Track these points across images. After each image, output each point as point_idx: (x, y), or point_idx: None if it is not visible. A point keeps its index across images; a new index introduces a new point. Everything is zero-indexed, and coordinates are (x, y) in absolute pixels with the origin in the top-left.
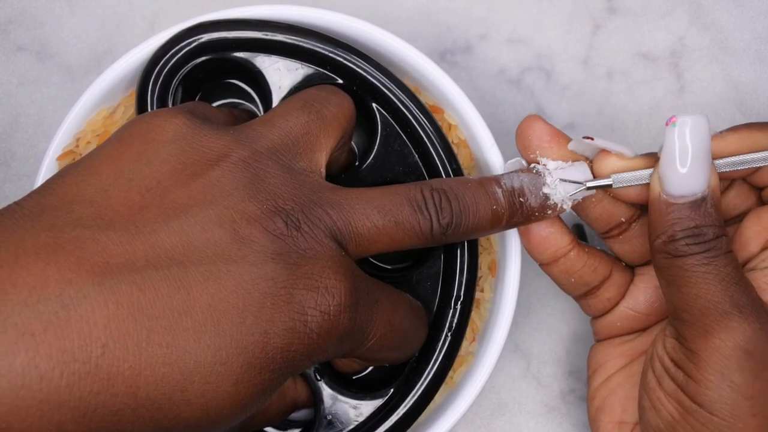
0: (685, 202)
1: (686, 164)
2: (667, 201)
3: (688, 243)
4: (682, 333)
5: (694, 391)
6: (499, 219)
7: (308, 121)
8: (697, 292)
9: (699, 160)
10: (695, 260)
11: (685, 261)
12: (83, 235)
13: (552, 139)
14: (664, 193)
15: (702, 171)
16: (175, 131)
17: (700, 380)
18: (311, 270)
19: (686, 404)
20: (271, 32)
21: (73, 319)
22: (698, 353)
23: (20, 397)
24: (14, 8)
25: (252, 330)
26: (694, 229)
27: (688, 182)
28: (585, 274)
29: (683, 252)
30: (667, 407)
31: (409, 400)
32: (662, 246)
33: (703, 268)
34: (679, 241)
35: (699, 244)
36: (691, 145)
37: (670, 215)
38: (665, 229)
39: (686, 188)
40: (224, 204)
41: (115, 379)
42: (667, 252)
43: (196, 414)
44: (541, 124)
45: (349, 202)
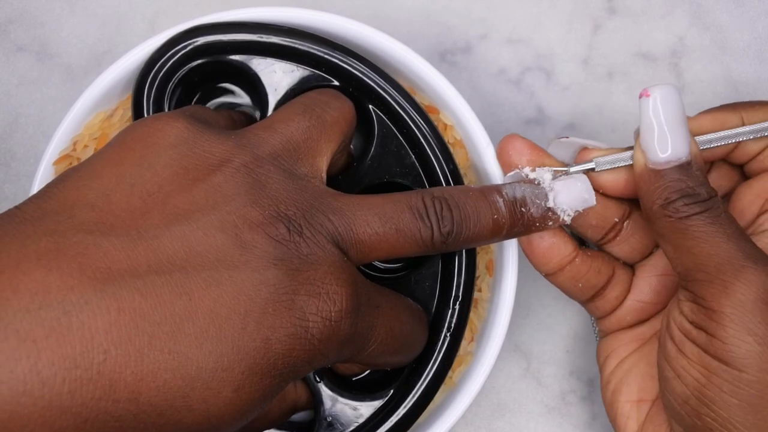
0: (672, 167)
1: (665, 130)
2: (654, 169)
3: (686, 203)
4: (699, 294)
5: (718, 350)
6: (500, 228)
7: (309, 126)
8: (710, 251)
9: (677, 125)
10: (700, 220)
11: (690, 222)
12: (85, 240)
13: (532, 152)
14: (650, 163)
15: (681, 135)
16: (177, 135)
17: (724, 337)
18: (313, 276)
19: (712, 366)
20: (266, 35)
21: (75, 325)
22: (719, 311)
23: (22, 403)
24: (14, 8)
25: (254, 336)
26: (687, 189)
27: (670, 147)
28: (591, 278)
29: (685, 212)
30: (692, 373)
31: (408, 400)
32: (661, 210)
33: (711, 228)
34: (676, 202)
35: (697, 204)
36: (666, 112)
37: (660, 181)
38: (659, 194)
39: (669, 154)
40: (226, 209)
41: (116, 385)
42: (668, 214)
43: (197, 420)
44: (519, 140)
45: (350, 209)
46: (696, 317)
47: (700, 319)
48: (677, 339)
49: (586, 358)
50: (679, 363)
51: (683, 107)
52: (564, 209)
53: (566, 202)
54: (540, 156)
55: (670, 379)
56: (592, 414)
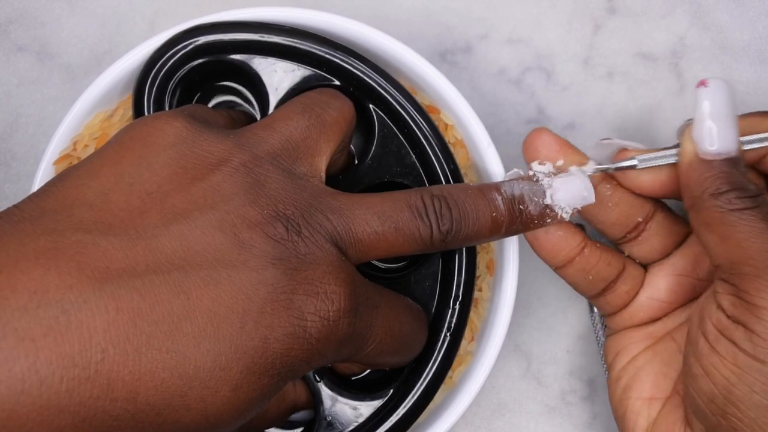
0: (723, 159)
1: (720, 121)
2: (704, 159)
3: (739, 196)
4: (743, 287)
5: (755, 347)
6: (499, 226)
7: (308, 126)
8: (761, 246)
9: (730, 118)
10: (752, 215)
11: (741, 216)
12: (84, 239)
13: (560, 151)
14: (701, 153)
15: (734, 129)
16: (175, 135)
17: (763, 333)
18: (311, 275)
19: (745, 364)
20: (267, 34)
21: (73, 324)
22: (763, 306)
23: (20, 402)
24: (14, 8)
25: (252, 335)
26: (739, 182)
27: (723, 140)
28: (602, 269)
29: (737, 205)
30: (723, 371)
31: (408, 400)
32: (712, 199)
33: (762, 224)
34: (729, 194)
35: (749, 198)
36: (722, 104)
37: (711, 171)
38: (710, 183)
39: (722, 146)
40: (225, 209)
41: (114, 384)
42: (719, 205)
43: (195, 419)
44: (547, 135)
45: (349, 208)
46: (736, 311)
47: (740, 313)
48: (711, 336)
49: (587, 358)
50: (710, 360)
51: (735, 103)
52: (562, 206)
53: (564, 199)
54: (567, 151)
55: (698, 377)
56: (593, 414)
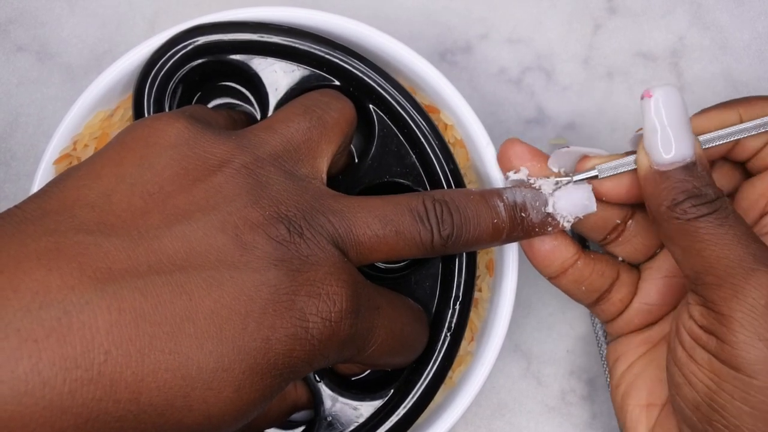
0: (677, 168)
1: (668, 130)
2: (659, 171)
3: (694, 204)
4: (709, 297)
5: (729, 356)
6: (500, 232)
7: (310, 127)
8: (719, 253)
9: (680, 125)
10: (708, 222)
11: (698, 224)
12: (85, 240)
13: (533, 158)
14: (654, 165)
15: (685, 136)
16: (177, 136)
17: (734, 342)
18: (313, 276)
19: (722, 372)
20: (267, 34)
21: (76, 325)
22: (729, 315)
23: (23, 403)
24: (14, 8)
25: (254, 336)
26: (694, 189)
27: (675, 148)
28: (595, 281)
29: (693, 214)
30: (703, 379)
31: (408, 400)
32: (668, 211)
33: (720, 229)
34: (683, 204)
35: (705, 205)
36: (669, 112)
37: (666, 182)
38: (665, 195)
39: (674, 154)
40: (227, 210)
41: (117, 385)
42: (676, 216)
43: (197, 420)
44: (519, 145)
45: (351, 210)
46: (706, 321)
47: (710, 324)
48: (687, 344)
49: (587, 358)
50: (689, 369)
51: (686, 107)
52: (564, 215)
53: (566, 208)
54: (541, 162)
55: (681, 385)
56: (593, 414)
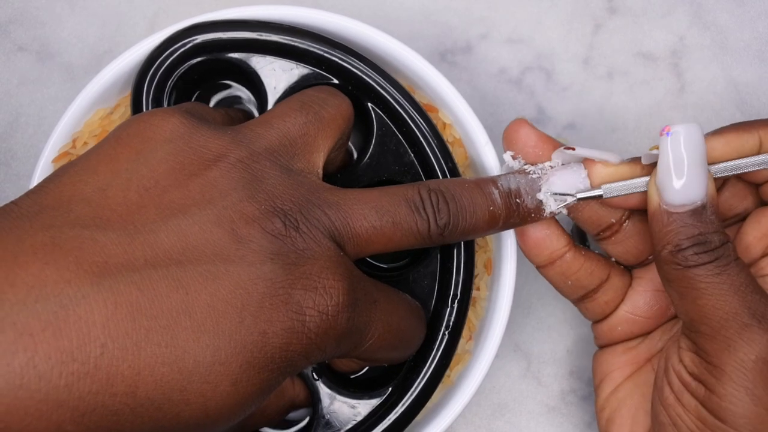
0: (686, 211)
1: (683, 173)
2: (668, 211)
3: (697, 252)
4: (701, 346)
5: (716, 407)
6: (496, 220)
7: (306, 122)
8: (714, 304)
9: (696, 168)
10: (707, 270)
11: (696, 272)
12: (82, 234)
13: (537, 144)
14: (664, 204)
15: (699, 179)
16: (172, 130)
17: (722, 395)
18: (309, 270)
19: (708, 420)
20: (265, 33)
21: (72, 319)
22: (720, 367)
23: (19, 397)
24: (15, 8)
25: (251, 330)
26: (699, 236)
27: (687, 191)
28: (582, 277)
29: (693, 262)
30: (688, 423)
31: (406, 399)
32: (670, 257)
33: (717, 279)
34: (686, 251)
35: (707, 253)
36: (687, 154)
37: (672, 225)
38: (670, 239)
39: (685, 197)
40: (222, 204)
41: (114, 379)
42: (677, 263)
43: (195, 414)
44: (527, 127)
45: (346, 203)
46: (697, 369)
47: (700, 372)
48: (676, 387)
49: (587, 358)
50: (675, 411)
51: (704, 147)
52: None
53: (561, 190)
54: (546, 148)
55: (665, 425)
56: (593, 414)
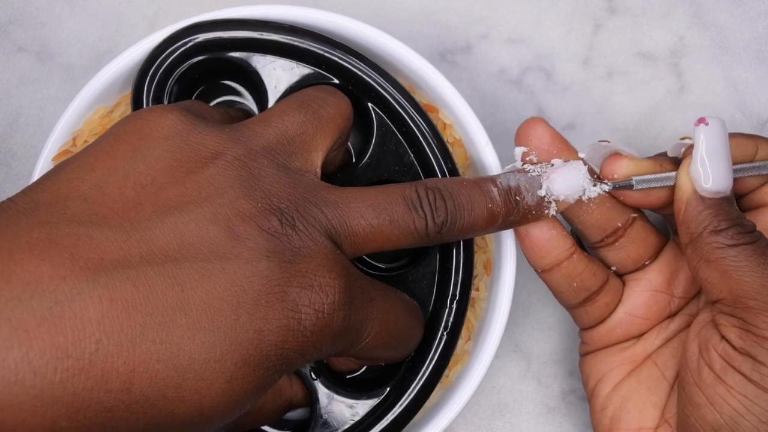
0: (721, 197)
1: (718, 160)
2: (702, 197)
3: (739, 231)
4: (750, 321)
5: (762, 378)
6: (495, 218)
7: (304, 121)
8: (764, 280)
9: (727, 157)
10: (752, 249)
11: (741, 250)
12: (77, 231)
13: (552, 143)
14: (699, 190)
15: (729, 168)
16: (170, 128)
17: None
18: (305, 268)
19: (754, 394)
20: (266, 32)
21: (67, 315)
22: None
23: (13, 392)
24: (14, 8)
25: (246, 327)
26: (738, 218)
27: (721, 179)
28: (586, 278)
29: (737, 240)
30: (730, 401)
31: (404, 399)
32: (712, 235)
33: (762, 258)
34: (729, 230)
35: (748, 234)
36: (720, 143)
37: (710, 209)
38: (710, 220)
39: (720, 185)
40: (219, 202)
41: (108, 375)
42: (719, 242)
43: (190, 411)
44: (542, 125)
45: (344, 201)
46: (744, 343)
47: (748, 345)
48: (717, 366)
49: None
50: (716, 390)
51: (728, 140)
52: (560, 197)
53: (561, 190)
54: (562, 147)
55: (701, 406)
56: None
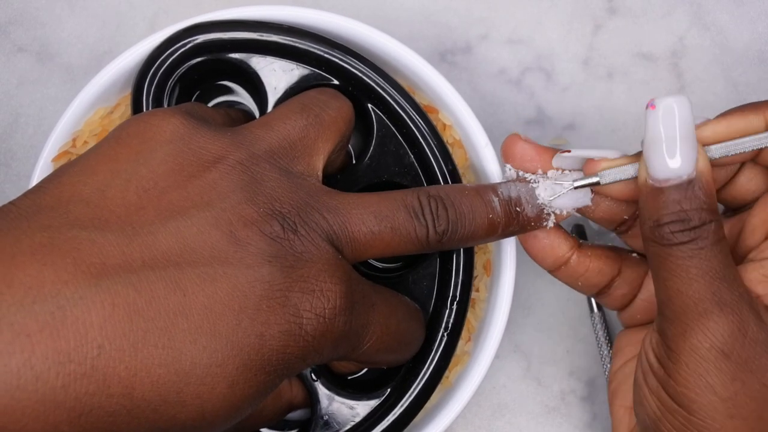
0: (671, 185)
1: (666, 147)
2: (653, 186)
3: (673, 230)
4: (663, 330)
5: (673, 390)
6: (495, 228)
7: (306, 125)
8: (680, 287)
9: (681, 141)
10: (681, 251)
11: (671, 252)
12: (80, 235)
13: (534, 157)
14: (650, 179)
15: (686, 153)
16: (172, 131)
17: (678, 380)
18: (307, 273)
19: (667, 403)
20: (266, 33)
21: (69, 319)
22: (677, 352)
23: (15, 397)
24: (14, 9)
25: (248, 332)
26: (680, 212)
27: (672, 164)
28: (590, 277)
29: (669, 240)
30: (651, 404)
31: (405, 400)
32: (649, 232)
33: (689, 261)
34: (664, 227)
35: (685, 232)
36: (672, 126)
37: (656, 200)
38: (652, 214)
39: (669, 171)
40: (221, 206)
41: (110, 380)
42: (655, 239)
43: (191, 415)
44: (522, 142)
45: (345, 207)
46: (659, 351)
47: (662, 355)
48: (644, 368)
49: (587, 359)
50: (642, 391)
51: (692, 120)
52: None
53: (560, 202)
54: (545, 158)
55: (637, 404)
56: (593, 414)
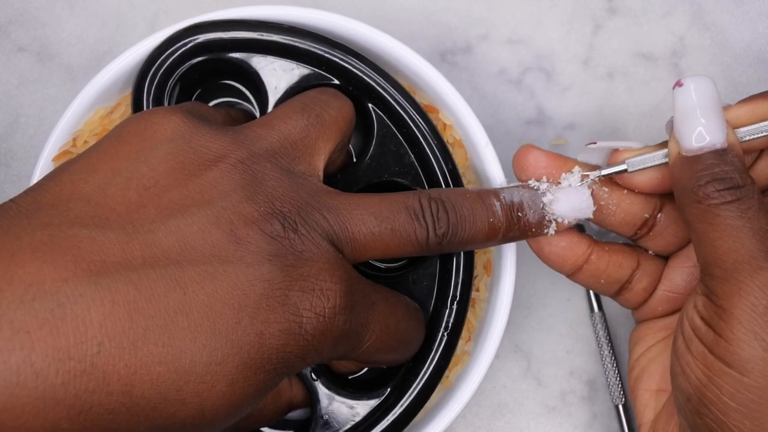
0: (707, 152)
1: (698, 116)
2: (687, 157)
3: (718, 188)
4: (713, 290)
5: (723, 351)
6: (496, 232)
7: (307, 125)
8: (731, 246)
9: (711, 111)
10: (728, 210)
11: (717, 211)
12: (80, 233)
13: (548, 165)
14: (683, 150)
15: (716, 122)
16: (173, 130)
17: (731, 339)
18: (307, 272)
19: (714, 366)
20: (266, 33)
21: (69, 317)
22: (730, 310)
23: (15, 394)
24: (15, 8)
25: (248, 330)
26: (721, 172)
27: (704, 134)
28: (612, 272)
29: (715, 199)
30: (695, 371)
31: (405, 399)
32: (692, 194)
33: (738, 221)
34: (707, 186)
35: (729, 190)
36: (700, 100)
37: (694, 166)
38: (691, 177)
39: (703, 140)
40: (221, 205)
41: (110, 377)
42: (698, 200)
43: (191, 413)
44: (536, 152)
45: (346, 207)
46: (707, 314)
47: (710, 317)
48: (686, 335)
49: (587, 359)
50: (685, 359)
51: (719, 96)
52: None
53: (564, 210)
54: (559, 164)
55: (677, 375)
56: (593, 414)
